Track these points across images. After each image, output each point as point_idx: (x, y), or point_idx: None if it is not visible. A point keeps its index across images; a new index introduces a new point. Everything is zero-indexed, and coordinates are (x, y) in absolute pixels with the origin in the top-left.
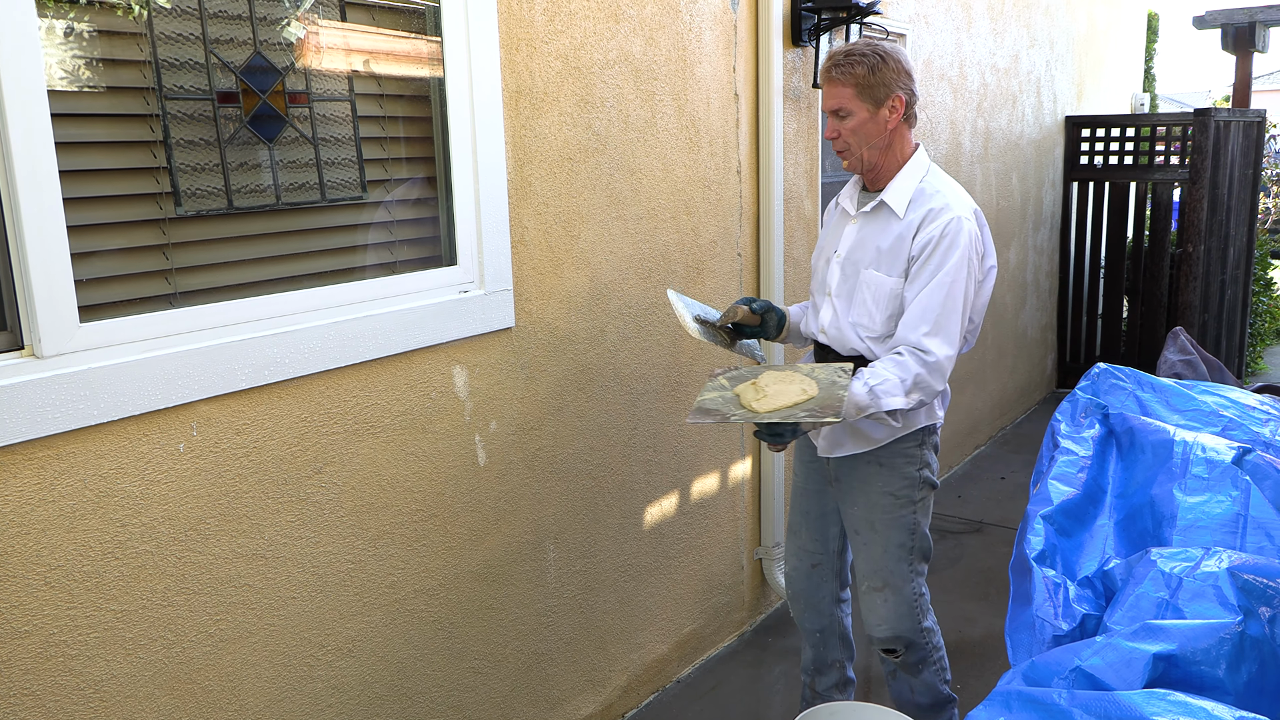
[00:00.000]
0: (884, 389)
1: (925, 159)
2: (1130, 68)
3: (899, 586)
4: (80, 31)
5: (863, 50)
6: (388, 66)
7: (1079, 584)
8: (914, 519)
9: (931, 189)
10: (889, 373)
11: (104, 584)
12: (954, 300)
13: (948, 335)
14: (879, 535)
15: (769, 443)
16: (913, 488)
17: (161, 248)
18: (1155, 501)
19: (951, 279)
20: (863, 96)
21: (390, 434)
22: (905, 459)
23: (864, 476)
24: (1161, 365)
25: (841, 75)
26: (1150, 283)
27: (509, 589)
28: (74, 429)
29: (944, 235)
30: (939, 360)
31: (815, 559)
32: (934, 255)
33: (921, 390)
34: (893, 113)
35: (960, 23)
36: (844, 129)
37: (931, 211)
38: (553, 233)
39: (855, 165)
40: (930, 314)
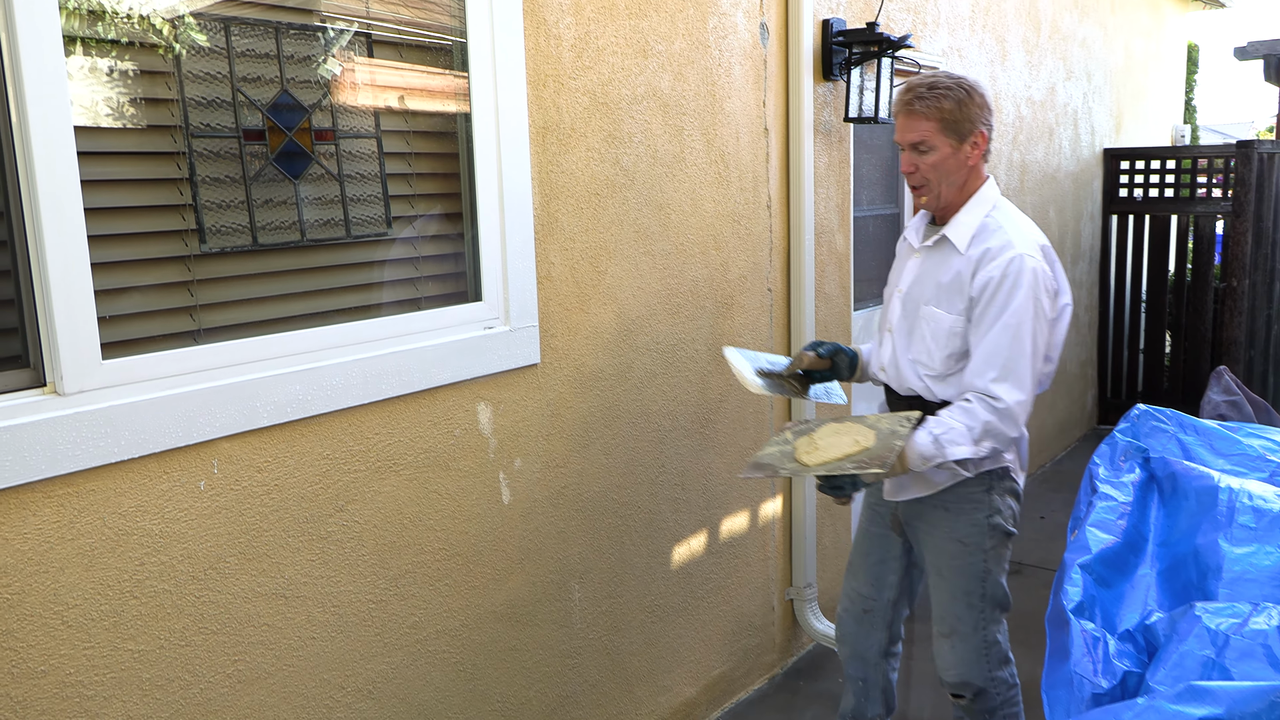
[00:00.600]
0: (949, 438)
1: (994, 192)
2: (1170, 99)
3: (966, 634)
4: (108, 70)
5: (947, 83)
6: (414, 102)
7: (1119, 638)
8: (983, 566)
9: (995, 225)
10: (955, 421)
11: (122, 623)
12: (1022, 342)
13: (1018, 379)
14: (946, 581)
15: (832, 496)
16: (981, 534)
17: (186, 284)
18: (1200, 552)
19: (1018, 320)
20: (947, 131)
21: (413, 472)
22: (972, 504)
23: (931, 521)
24: (1205, 406)
25: (925, 109)
26: (1193, 317)
27: (533, 630)
28: (94, 466)
29: (1005, 276)
30: (1009, 406)
31: (868, 604)
32: (997, 296)
33: (993, 438)
34: (975, 149)
35: (994, 56)
36: (923, 164)
37: (991, 250)
38: (579, 268)
39: (932, 203)
40: (998, 358)
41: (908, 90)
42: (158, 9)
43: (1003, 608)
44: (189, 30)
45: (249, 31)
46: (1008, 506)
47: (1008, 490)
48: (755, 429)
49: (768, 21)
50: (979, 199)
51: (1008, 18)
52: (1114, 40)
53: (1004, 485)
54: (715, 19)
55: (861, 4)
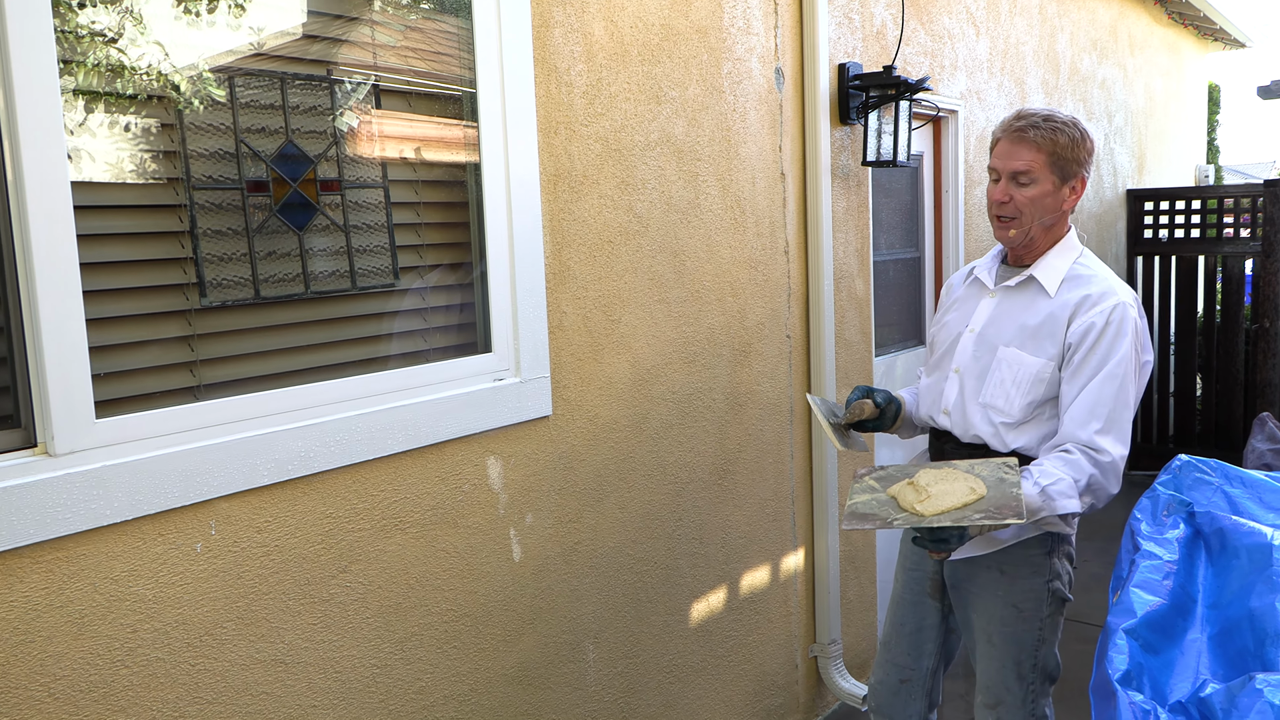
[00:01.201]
0: (1057, 489)
1: (1078, 241)
2: (1192, 139)
3: (1013, 707)
4: (107, 122)
5: (1065, 118)
6: (423, 152)
7: (1171, 710)
8: (1038, 635)
9: (1089, 271)
10: (1061, 472)
11: (112, 694)
12: (1126, 394)
13: (1120, 432)
14: (996, 649)
15: (931, 549)
16: (1039, 602)
17: (186, 339)
18: (1255, 615)
19: (1124, 371)
20: (1053, 168)
21: (420, 529)
22: (1031, 568)
23: (984, 583)
24: (1249, 455)
25: (1039, 138)
26: (1225, 360)
27: (546, 693)
28: (86, 530)
29: (1109, 323)
30: (1114, 460)
31: (905, 674)
32: (1100, 344)
33: (1094, 494)
34: (1073, 193)
35: (1014, 98)
36: (1020, 196)
37: (1092, 296)
38: (592, 317)
39: (1020, 238)
40: (1102, 409)
41: (1021, 117)
42: (159, 60)
43: (1052, 679)
44: (192, 81)
45: (253, 83)
46: (1066, 571)
47: (1065, 554)
48: (775, 480)
49: (783, 67)
50: (1067, 243)
51: (1026, 60)
52: (1134, 81)
53: (1063, 549)
54: (730, 64)
55: (878, 48)
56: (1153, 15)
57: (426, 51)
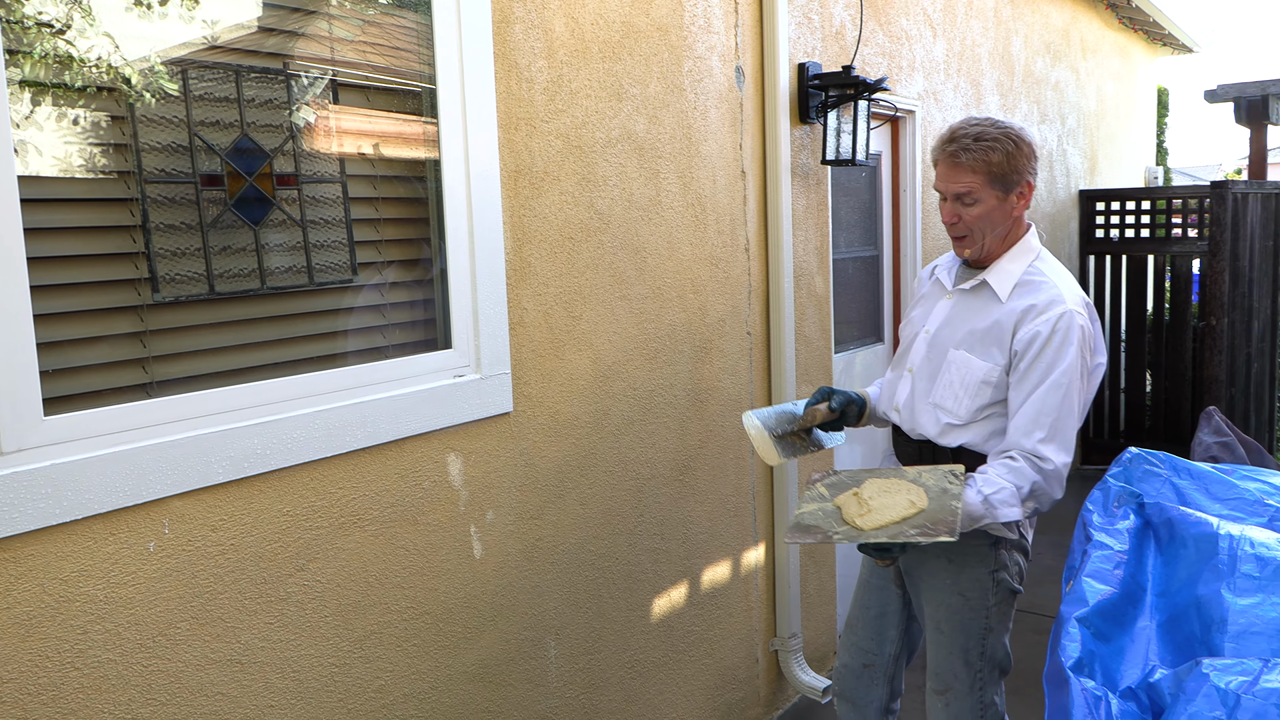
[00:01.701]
0: (999, 498)
1: (1036, 242)
2: (1143, 142)
3: (962, 693)
4: (56, 114)
5: (994, 134)
6: (381, 147)
7: (1121, 696)
8: (985, 624)
9: (1040, 277)
10: (1004, 480)
11: (61, 697)
12: (1070, 403)
13: (1064, 441)
14: (944, 637)
15: (879, 558)
16: (985, 591)
17: (138, 335)
18: (1202, 603)
19: (1068, 380)
20: (994, 184)
21: (379, 527)
22: (977, 558)
23: (932, 571)
24: (1196, 448)
25: (972, 161)
26: (1173, 356)
27: (507, 690)
28: (34, 529)
29: (1055, 332)
30: (1056, 468)
31: (868, 659)
32: (1045, 353)
33: (1037, 499)
34: (1020, 199)
35: (969, 99)
36: (968, 215)
37: (1038, 305)
38: (553, 314)
39: (976, 253)
40: (1046, 418)
41: (951, 139)
42: (110, 52)
43: (1003, 670)
44: (143, 74)
45: (207, 75)
46: (1014, 563)
47: (1015, 546)
48: (736, 476)
49: (743, 65)
50: (1022, 247)
51: (982, 62)
52: (1086, 84)
53: (1011, 540)
54: (690, 63)
55: (837, 48)
56: (1104, 20)
57: (385, 46)
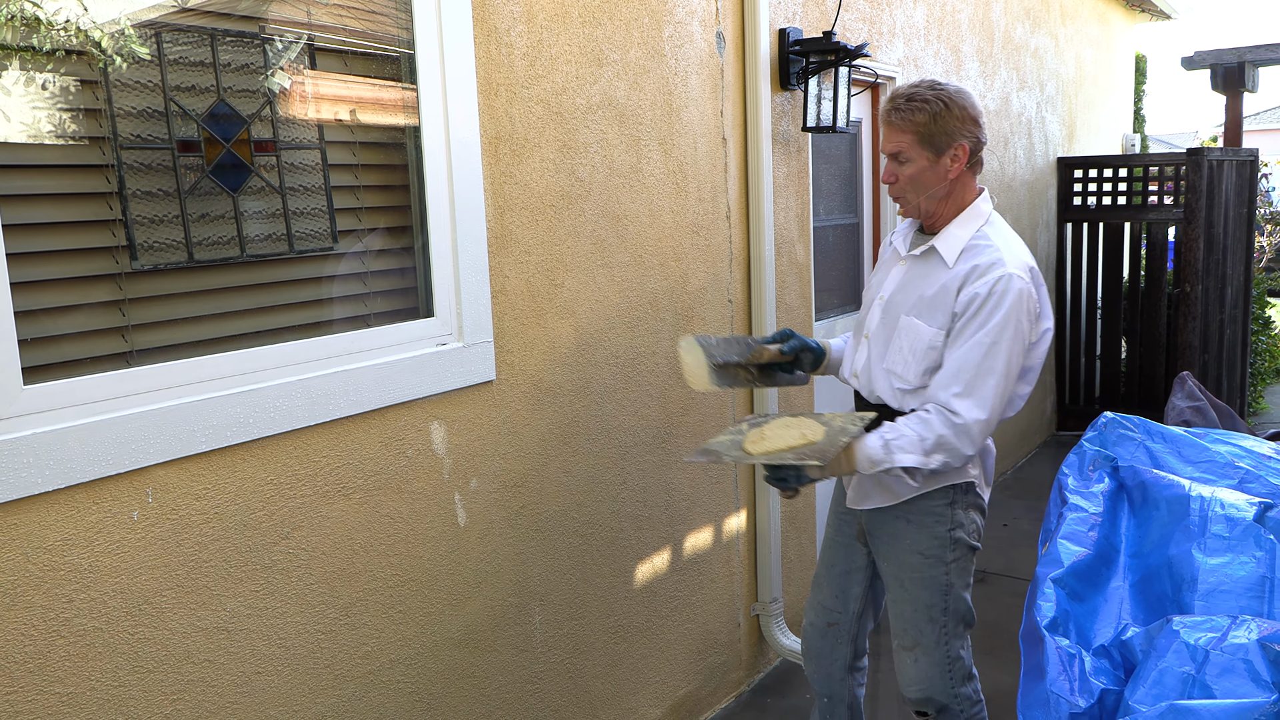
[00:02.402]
0: (899, 444)
1: (986, 207)
2: (1120, 109)
3: (929, 648)
4: (28, 79)
5: (926, 95)
6: (360, 113)
7: (1094, 654)
8: (945, 580)
9: (986, 241)
10: (909, 429)
11: (48, 665)
12: (993, 361)
13: (980, 398)
14: (909, 594)
15: (778, 488)
16: (943, 547)
17: (118, 304)
18: (1173, 562)
19: (993, 339)
20: (923, 144)
21: (363, 495)
22: (934, 517)
23: (893, 532)
24: (1170, 412)
25: (901, 120)
26: (1148, 323)
27: (492, 655)
28: (16, 499)
29: (991, 293)
30: (966, 423)
31: (833, 618)
32: (979, 314)
33: (945, 452)
34: (954, 162)
35: (949, 66)
36: (901, 176)
37: (979, 267)
38: (535, 282)
39: (912, 213)
40: (964, 374)
41: (889, 100)
42: (79, 15)
43: (966, 623)
44: (115, 37)
45: (182, 39)
46: (971, 521)
47: (971, 504)
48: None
49: (724, 31)
50: (972, 213)
51: (962, 29)
52: (1065, 51)
53: (968, 499)
54: (671, 28)
55: (818, 13)
56: None
57: (362, 10)
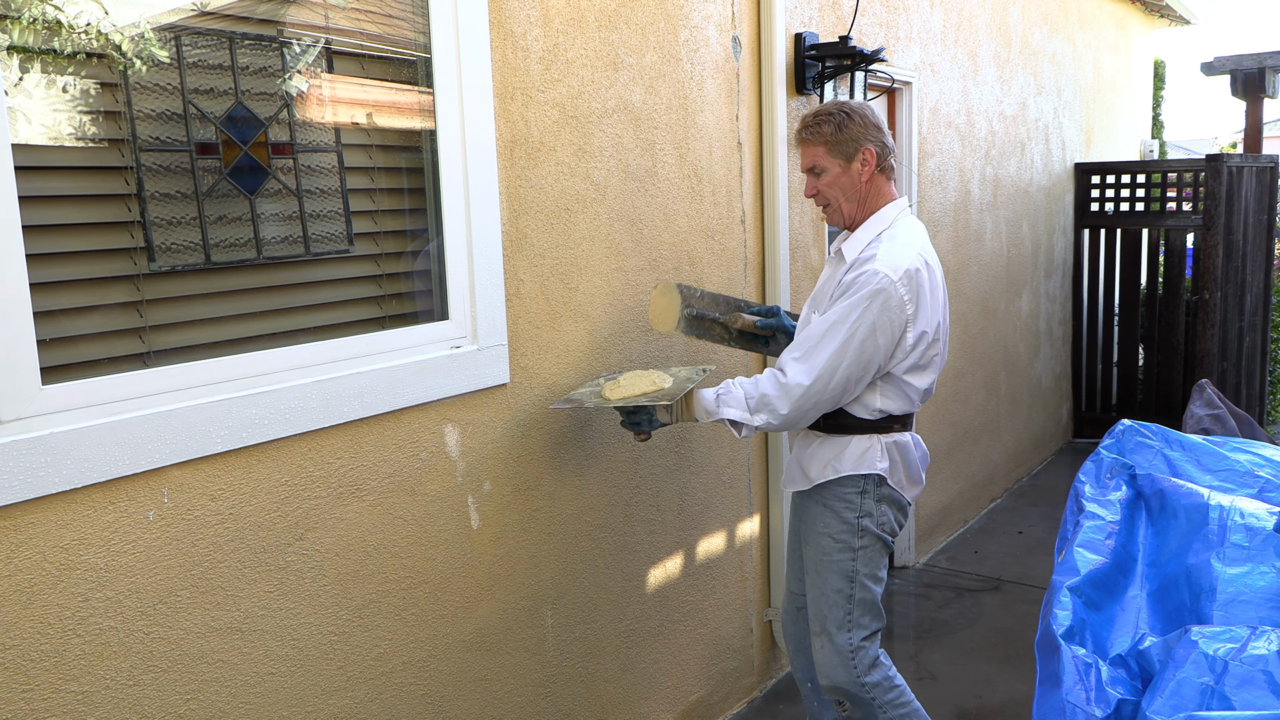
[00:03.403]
0: (726, 399)
1: (894, 212)
2: (1138, 115)
3: (832, 634)
4: (49, 82)
5: (829, 110)
6: (377, 116)
7: (1111, 664)
8: (851, 566)
9: (878, 244)
10: (739, 387)
11: (64, 664)
12: (833, 336)
13: (810, 365)
14: (819, 578)
15: (633, 433)
16: (850, 533)
17: (135, 305)
18: (1191, 572)
19: (837, 318)
20: (833, 153)
21: (377, 497)
22: (844, 504)
23: (811, 516)
24: (1188, 420)
25: (811, 135)
26: (1166, 330)
27: (504, 658)
28: (34, 498)
29: (854, 282)
30: (788, 383)
31: (800, 602)
32: (841, 298)
33: (767, 411)
34: (864, 165)
35: (966, 71)
36: (820, 185)
37: (859, 260)
38: (550, 285)
39: (836, 217)
40: (806, 344)
41: (799, 123)
42: (99, 19)
43: (873, 615)
44: (134, 40)
45: (200, 42)
46: (882, 513)
47: (884, 498)
48: (731, 447)
49: (740, 35)
50: (878, 218)
51: (979, 33)
52: (1083, 56)
53: (880, 491)
54: (687, 32)
55: (834, 18)
56: None
57: (379, 15)
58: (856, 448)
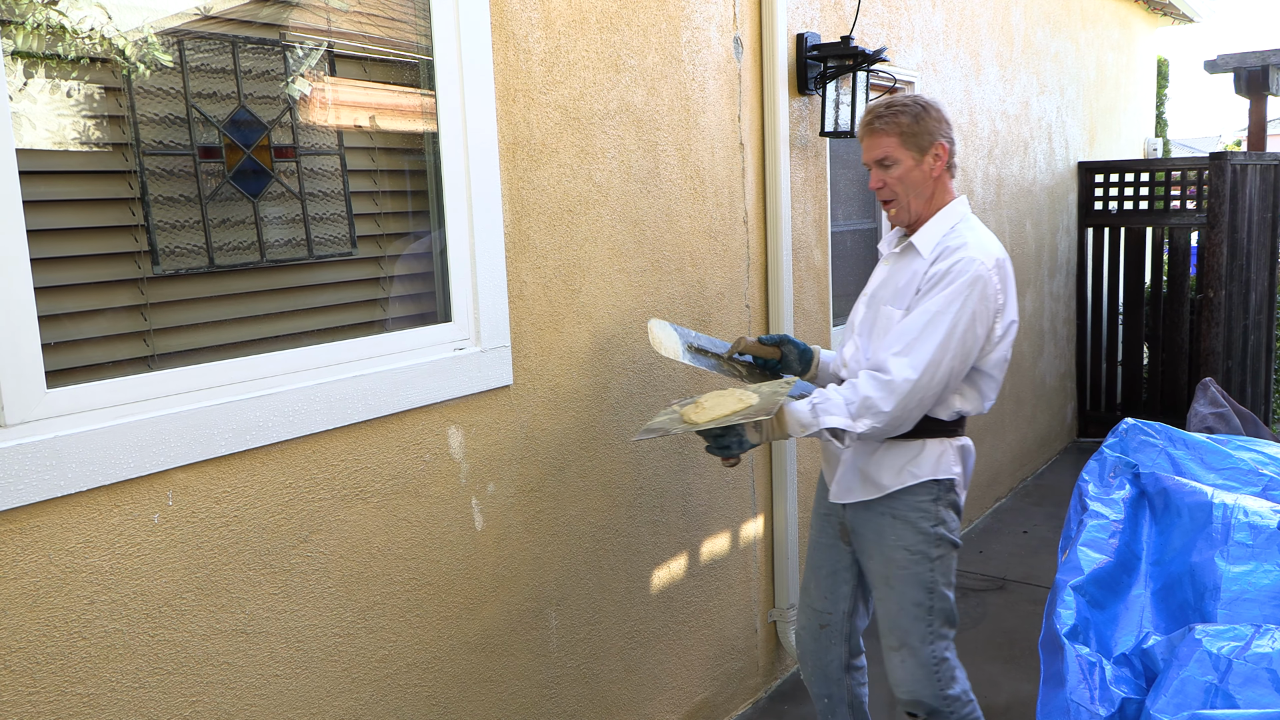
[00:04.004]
0: (825, 407)
1: (963, 208)
2: (1142, 113)
3: (915, 648)
4: (53, 86)
5: (904, 100)
6: (379, 119)
7: (1115, 662)
8: (930, 577)
9: (959, 234)
10: (836, 394)
11: (70, 666)
12: (936, 329)
13: (915, 359)
14: (894, 592)
15: (721, 457)
16: (928, 543)
17: (139, 308)
18: (1195, 571)
19: (938, 309)
20: (907, 145)
21: (381, 499)
22: (919, 513)
23: (878, 529)
24: (1192, 419)
25: (885, 125)
26: (1170, 329)
27: (508, 660)
28: (39, 501)
29: (949, 271)
30: (893, 379)
31: (824, 619)
32: (934, 288)
33: (870, 414)
34: (937, 160)
35: (969, 70)
36: (890, 178)
37: (947, 249)
38: (552, 287)
39: (902, 215)
40: (905, 337)
41: (868, 113)
42: (103, 23)
43: (950, 623)
44: (138, 45)
45: (203, 46)
46: (952, 518)
47: (951, 503)
48: None
49: (742, 36)
50: (948, 212)
51: (981, 33)
52: (1086, 55)
53: (949, 497)
54: (688, 33)
55: (836, 19)
56: None
57: (381, 17)
58: (932, 452)
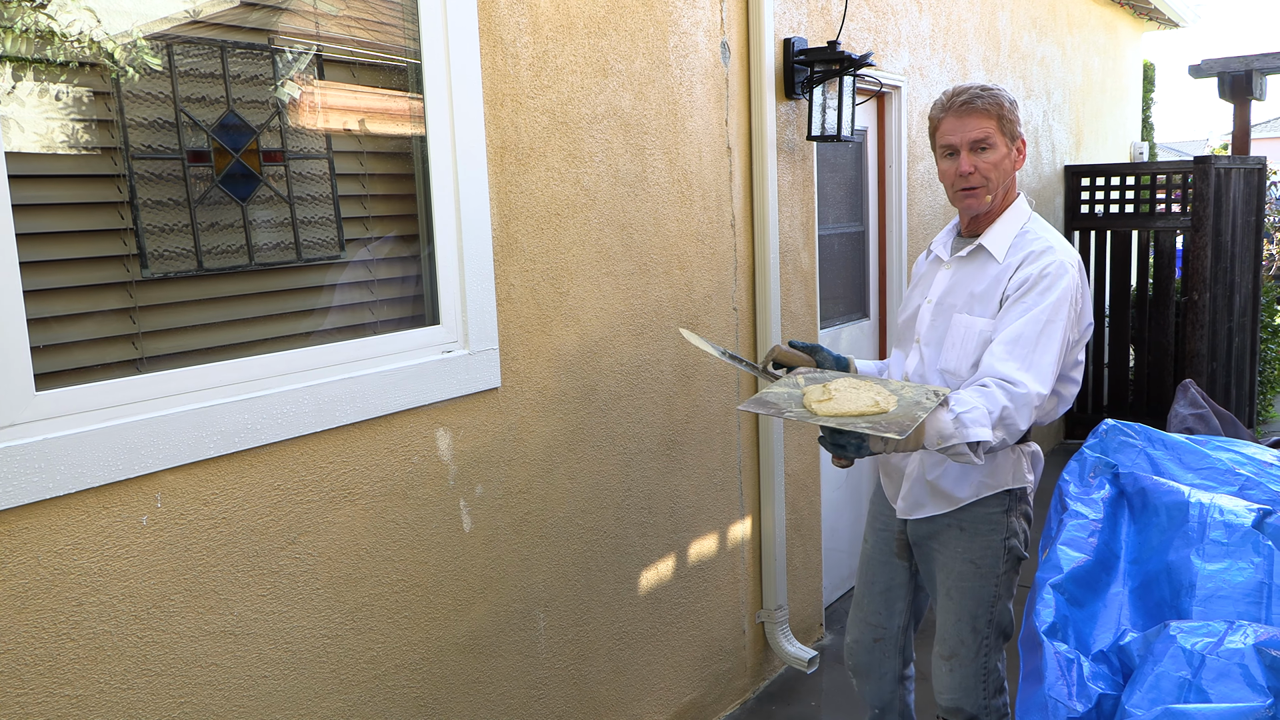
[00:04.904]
0: (971, 417)
1: (1028, 206)
2: (1128, 117)
3: (966, 659)
4: (41, 90)
5: (998, 87)
6: (368, 123)
7: (1093, 659)
8: (994, 591)
9: (1034, 234)
10: (976, 401)
11: (58, 667)
12: (1050, 338)
13: (1040, 371)
14: (954, 603)
15: (833, 454)
16: (996, 558)
17: (128, 311)
18: (1172, 568)
19: (1048, 317)
20: (1004, 131)
21: (369, 501)
22: (990, 525)
23: (945, 541)
24: (1172, 420)
25: (987, 105)
26: (1156, 331)
27: (497, 661)
28: (28, 503)
29: (1044, 275)
30: (1028, 394)
31: (878, 633)
32: (1031, 292)
33: (1006, 427)
34: (1020, 154)
35: (955, 75)
36: (983, 163)
37: (1033, 253)
38: (540, 290)
39: (981, 206)
40: (1022, 347)
41: (961, 92)
42: (92, 27)
43: (1005, 635)
44: (127, 49)
45: (192, 50)
46: (1022, 529)
47: (1023, 513)
48: (722, 450)
49: (729, 40)
50: (1015, 210)
51: (968, 37)
52: (1072, 59)
53: (1020, 507)
54: (676, 38)
55: (823, 23)
56: None
57: (370, 21)
58: (1006, 461)
